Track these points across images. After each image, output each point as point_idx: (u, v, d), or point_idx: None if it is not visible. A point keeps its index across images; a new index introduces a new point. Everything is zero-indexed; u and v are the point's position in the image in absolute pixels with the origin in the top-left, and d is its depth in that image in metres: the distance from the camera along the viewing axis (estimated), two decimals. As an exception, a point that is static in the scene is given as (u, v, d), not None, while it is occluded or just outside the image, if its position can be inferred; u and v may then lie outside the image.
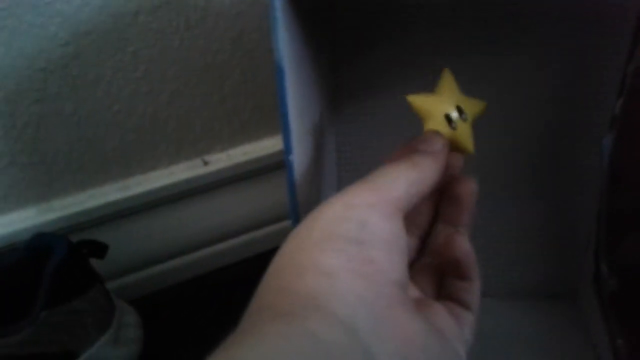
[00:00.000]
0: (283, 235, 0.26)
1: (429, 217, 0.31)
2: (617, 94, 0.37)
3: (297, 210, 0.33)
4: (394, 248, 0.23)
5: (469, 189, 0.29)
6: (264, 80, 0.54)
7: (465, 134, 0.29)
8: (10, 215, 0.48)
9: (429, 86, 0.42)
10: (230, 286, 0.55)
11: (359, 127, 0.44)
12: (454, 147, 0.29)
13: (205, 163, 0.54)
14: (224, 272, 0.58)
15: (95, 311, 0.42)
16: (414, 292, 0.28)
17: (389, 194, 0.24)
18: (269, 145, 0.56)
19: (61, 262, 0.40)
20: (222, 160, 0.54)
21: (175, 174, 0.53)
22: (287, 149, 0.31)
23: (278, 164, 0.55)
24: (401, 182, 0.25)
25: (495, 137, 0.43)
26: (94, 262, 0.45)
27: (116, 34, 0.46)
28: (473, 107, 0.30)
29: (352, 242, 0.22)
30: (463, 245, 0.27)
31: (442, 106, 0.29)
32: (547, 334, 0.46)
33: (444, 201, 0.30)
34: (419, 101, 0.30)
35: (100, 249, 0.43)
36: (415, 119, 0.44)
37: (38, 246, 0.42)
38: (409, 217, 0.26)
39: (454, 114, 0.29)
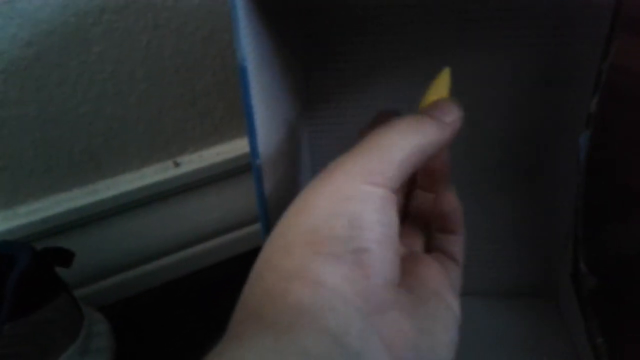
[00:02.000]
0: (259, 237, 0.25)
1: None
2: (592, 92, 0.36)
3: (267, 217, 0.32)
4: (387, 244, 0.22)
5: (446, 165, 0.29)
6: (236, 80, 0.53)
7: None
8: (-27, 223, 0.47)
9: (402, 83, 0.41)
10: (205, 290, 0.54)
11: (332, 128, 0.43)
12: None
13: (177, 165, 0.53)
14: (199, 276, 0.56)
15: (63, 321, 0.41)
16: (403, 249, 0.28)
17: (385, 170, 0.23)
18: (242, 145, 0.55)
19: (24, 272, 0.39)
20: (194, 161, 0.53)
21: (146, 176, 0.52)
22: (254, 153, 0.30)
23: (251, 165, 0.54)
24: (400, 148, 0.23)
25: (472, 136, 0.42)
26: (62, 269, 0.43)
27: (80, 34, 0.45)
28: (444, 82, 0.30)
29: (343, 243, 0.21)
30: (452, 200, 0.28)
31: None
32: (527, 333, 0.46)
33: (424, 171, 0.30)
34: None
35: (66, 257, 0.42)
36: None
37: (1, 254, 0.40)
38: None
39: None
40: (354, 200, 0.22)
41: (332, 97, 0.42)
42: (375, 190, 0.22)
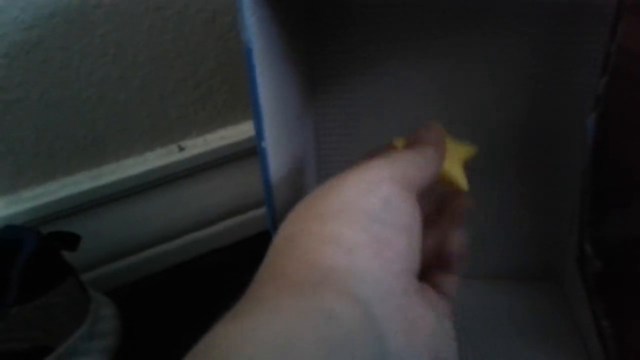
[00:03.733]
0: (264, 221, 0.25)
1: None
2: (600, 74, 0.36)
3: (272, 200, 0.32)
4: (413, 233, 0.23)
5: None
6: (239, 63, 0.53)
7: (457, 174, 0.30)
8: (-23, 207, 0.47)
9: (407, 67, 0.41)
10: (211, 274, 0.54)
11: (337, 111, 0.43)
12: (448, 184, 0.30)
13: (181, 149, 0.53)
14: (204, 260, 0.56)
15: (69, 305, 0.41)
16: None
17: (408, 174, 0.24)
18: (247, 129, 0.55)
19: (31, 256, 0.39)
20: (199, 145, 0.53)
21: (150, 160, 0.51)
22: (260, 135, 0.29)
23: (255, 149, 0.54)
24: (413, 165, 0.25)
25: (478, 120, 0.42)
26: (68, 254, 0.43)
27: (82, 17, 0.44)
28: (464, 152, 0.32)
29: (375, 220, 0.22)
30: (462, 242, 0.28)
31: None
32: (533, 316, 0.46)
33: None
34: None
35: (72, 241, 0.42)
36: (393, 102, 0.43)
37: (6, 240, 0.40)
38: None
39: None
40: (386, 184, 0.23)
41: (337, 80, 0.42)
42: (404, 181, 0.24)
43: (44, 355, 0.39)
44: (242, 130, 0.55)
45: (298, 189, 0.39)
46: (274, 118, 0.31)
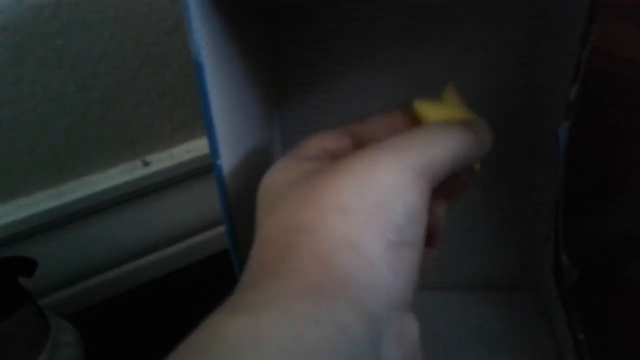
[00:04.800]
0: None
1: None
2: (571, 81, 0.35)
3: (230, 218, 0.30)
4: (422, 245, 0.22)
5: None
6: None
7: None
8: None
9: (375, 73, 0.39)
10: (178, 293, 0.52)
11: (305, 120, 0.42)
12: None
13: (146, 164, 0.51)
14: (171, 278, 0.54)
15: (27, 333, 0.39)
16: None
17: (433, 167, 0.22)
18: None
19: (-17, 283, 0.37)
20: (164, 160, 0.51)
21: (113, 177, 0.49)
22: (214, 153, 0.28)
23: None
24: (445, 149, 0.22)
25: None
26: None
27: (37, 29, 0.42)
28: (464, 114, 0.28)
29: (398, 234, 0.20)
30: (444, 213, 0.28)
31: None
32: (509, 327, 0.45)
33: None
34: (429, 110, 0.27)
35: (28, 267, 0.40)
36: (362, 108, 0.41)
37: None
38: None
39: None
40: (411, 191, 0.21)
41: (304, 88, 0.40)
42: (426, 186, 0.22)
43: (-1, 387, 0.37)
44: (206, 145, 0.53)
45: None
46: (230, 132, 0.29)
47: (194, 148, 0.52)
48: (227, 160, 0.29)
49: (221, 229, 0.56)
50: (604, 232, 0.49)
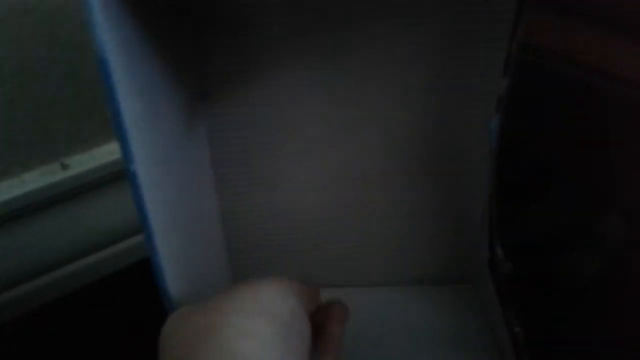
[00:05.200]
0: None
1: None
2: (501, 75, 0.34)
3: (148, 223, 0.28)
4: (307, 341, 0.27)
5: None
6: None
7: None
8: None
9: (303, 69, 0.38)
10: (103, 304, 0.49)
11: (232, 119, 0.40)
12: None
13: (65, 167, 0.47)
14: (94, 288, 0.51)
15: None
16: None
17: (307, 297, 0.30)
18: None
19: None
20: (85, 162, 0.48)
21: (28, 182, 0.46)
22: (128, 158, 0.26)
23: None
24: (309, 293, 0.30)
25: (383, 122, 0.40)
26: None
27: None
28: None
29: (284, 324, 0.26)
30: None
31: None
32: (448, 321, 0.45)
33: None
34: None
35: None
36: (288, 106, 0.40)
37: None
38: None
39: None
40: (293, 300, 0.28)
41: (230, 87, 0.38)
42: (305, 311, 0.28)
43: None
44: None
45: (186, 208, 0.36)
46: (145, 135, 0.27)
47: (117, 149, 0.49)
48: (143, 166, 0.27)
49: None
50: (538, 223, 0.50)
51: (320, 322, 0.32)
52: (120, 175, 0.49)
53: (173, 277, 0.31)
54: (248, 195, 0.43)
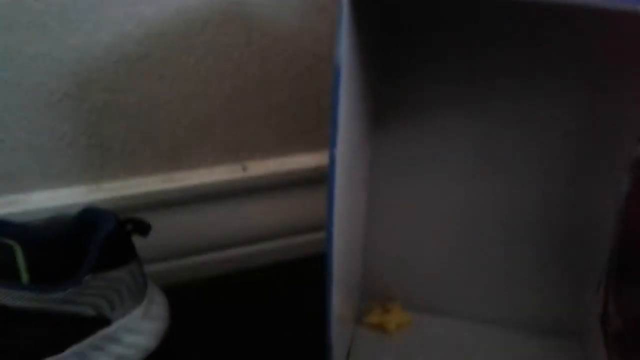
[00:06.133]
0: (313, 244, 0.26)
1: None
2: (638, 138, 0.40)
3: (332, 209, 0.36)
4: None
5: None
6: (309, 101, 0.59)
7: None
8: (61, 191, 0.53)
9: (467, 109, 0.45)
10: (257, 288, 0.58)
11: (392, 145, 0.48)
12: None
13: (245, 168, 0.58)
14: (253, 274, 0.61)
15: (132, 284, 0.46)
16: None
17: None
18: (304, 160, 0.60)
19: (108, 234, 0.44)
20: (261, 168, 0.58)
21: (216, 174, 0.57)
22: (333, 142, 0.34)
23: (310, 179, 0.60)
24: None
25: (510, 176, 0.46)
26: (136, 242, 0.48)
27: (185, 40, 0.51)
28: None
29: None
30: None
31: None
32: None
33: None
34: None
35: (144, 227, 0.47)
36: (438, 148, 0.47)
37: (88, 218, 0.45)
38: None
39: None
40: None
41: (399, 117, 0.47)
42: None
43: (104, 325, 0.44)
44: (300, 162, 0.60)
45: (354, 211, 0.44)
46: (346, 131, 0.36)
47: (287, 162, 0.60)
48: (339, 153, 0.35)
49: (302, 237, 0.63)
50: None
51: None
52: (286, 185, 0.59)
53: (338, 270, 0.38)
54: (390, 210, 0.50)
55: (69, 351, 0.42)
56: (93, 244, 0.43)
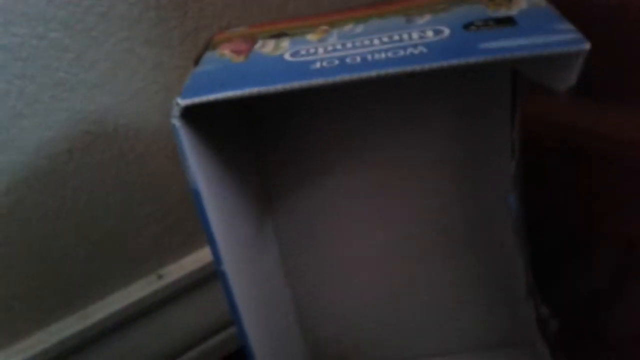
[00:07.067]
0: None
1: None
2: (510, 157, 0.41)
3: (239, 317, 0.35)
4: None
5: None
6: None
7: None
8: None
9: (358, 164, 0.45)
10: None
11: (295, 216, 0.47)
12: None
13: (160, 277, 0.56)
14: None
15: None
16: None
17: None
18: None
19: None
20: (176, 271, 0.57)
21: (132, 293, 0.55)
22: (218, 260, 0.33)
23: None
24: None
25: (422, 215, 0.47)
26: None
27: (55, 174, 0.49)
28: None
29: None
30: None
31: None
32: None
33: None
34: None
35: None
36: (340, 204, 0.47)
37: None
38: None
39: None
40: None
41: (292, 186, 0.47)
42: None
43: None
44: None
45: (266, 301, 0.43)
46: (228, 240, 0.35)
47: (200, 257, 0.58)
48: (229, 265, 0.34)
49: (229, 331, 0.61)
50: (578, 282, 0.53)
51: None
52: (205, 281, 0.58)
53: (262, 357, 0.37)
54: (314, 276, 0.50)
55: None
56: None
